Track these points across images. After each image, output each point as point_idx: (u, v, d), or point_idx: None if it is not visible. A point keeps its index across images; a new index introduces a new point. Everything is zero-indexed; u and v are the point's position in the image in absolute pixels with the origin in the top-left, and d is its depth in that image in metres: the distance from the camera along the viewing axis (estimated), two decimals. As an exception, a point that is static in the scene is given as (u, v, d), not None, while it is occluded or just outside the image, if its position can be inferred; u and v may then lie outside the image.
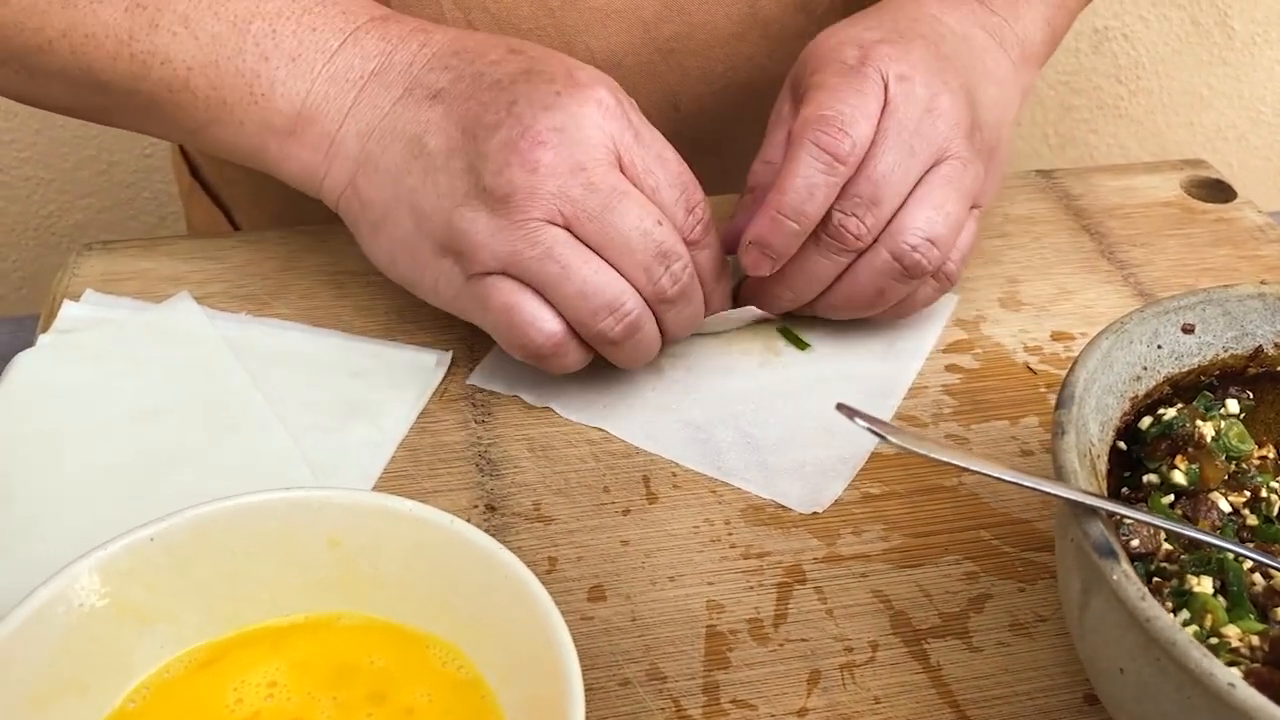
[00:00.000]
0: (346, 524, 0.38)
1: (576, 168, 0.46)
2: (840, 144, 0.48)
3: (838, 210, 0.50)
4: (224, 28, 0.49)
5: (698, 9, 0.65)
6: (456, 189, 0.47)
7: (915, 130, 0.50)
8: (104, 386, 0.51)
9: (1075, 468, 0.36)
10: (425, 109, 0.48)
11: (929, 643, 0.43)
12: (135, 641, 0.36)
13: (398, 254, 0.50)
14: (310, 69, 0.49)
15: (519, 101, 0.46)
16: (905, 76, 0.50)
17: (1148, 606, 0.32)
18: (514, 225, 0.46)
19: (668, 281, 0.48)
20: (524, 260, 0.46)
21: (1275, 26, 1.55)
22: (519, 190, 0.45)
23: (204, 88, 0.50)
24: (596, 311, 0.47)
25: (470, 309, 0.49)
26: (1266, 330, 0.44)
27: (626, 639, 0.42)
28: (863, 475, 0.49)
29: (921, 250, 0.50)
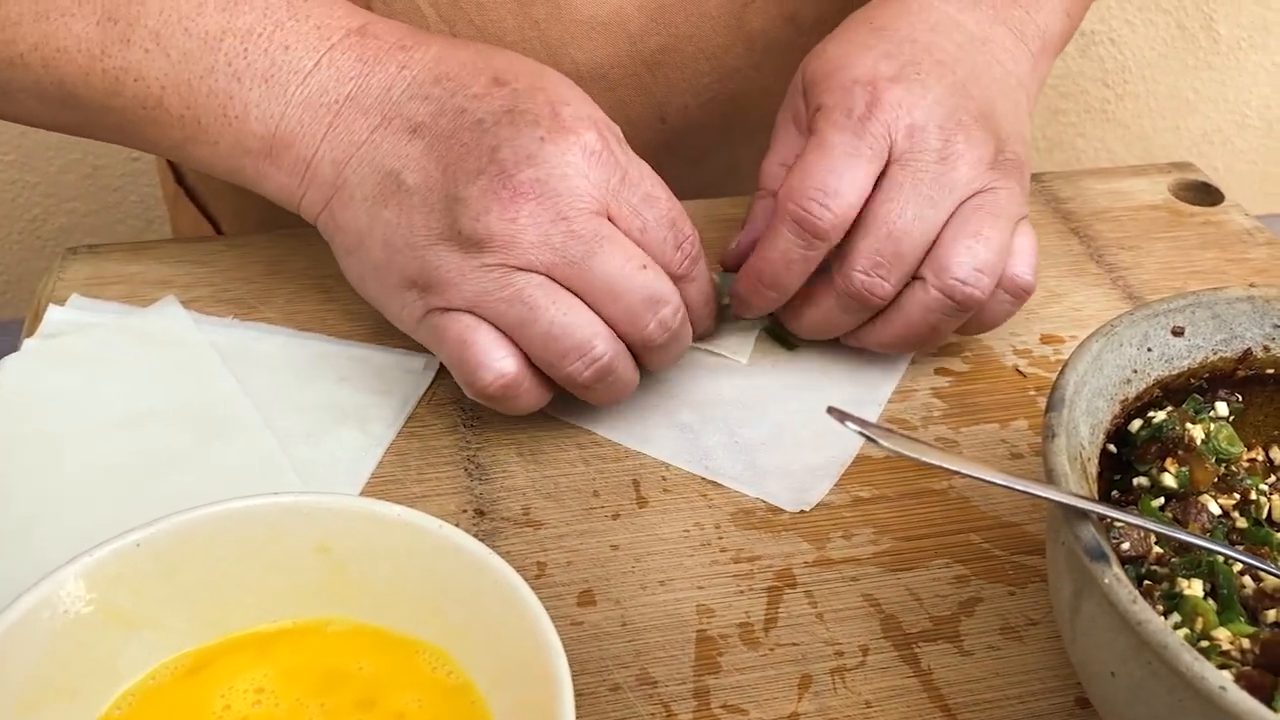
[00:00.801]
0: (335, 529, 0.37)
1: (558, 218, 0.45)
2: (819, 220, 0.48)
3: (859, 273, 0.49)
4: (195, 45, 0.48)
5: (684, 22, 0.64)
6: (432, 228, 0.46)
7: (934, 180, 0.49)
8: (89, 391, 0.50)
9: (1066, 471, 0.36)
10: (404, 143, 0.47)
11: (920, 646, 0.43)
12: (121, 648, 0.36)
13: (367, 279, 0.49)
14: (284, 91, 0.48)
15: (501, 148, 0.45)
16: (917, 127, 0.49)
17: (1139, 610, 0.32)
18: (486, 269, 0.45)
19: (656, 329, 0.47)
20: (491, 302, 0.45)
21: (1260, 31, 1.56)
22: (496, 237, 0.44)
23: (178, 106, 0.49)
24: (565, 354, 0.45)
25: (427, 341, 0.48)
26: (1255, 333, 0.44)
27: (616, 644, 0.42)
28: (852, 478, 0.49)
29: (972, 282, 0.49)
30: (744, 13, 0.65)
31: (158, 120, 0.49)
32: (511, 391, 0.46)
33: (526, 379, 0.46)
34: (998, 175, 0.51)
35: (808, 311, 0.53)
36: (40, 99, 0.50)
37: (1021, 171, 0.53)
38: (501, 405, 0.47)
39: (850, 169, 0.49)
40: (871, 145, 0.49)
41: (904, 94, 0.50)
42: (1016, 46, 0.56)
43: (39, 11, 0.48)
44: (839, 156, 0.49)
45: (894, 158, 0.49)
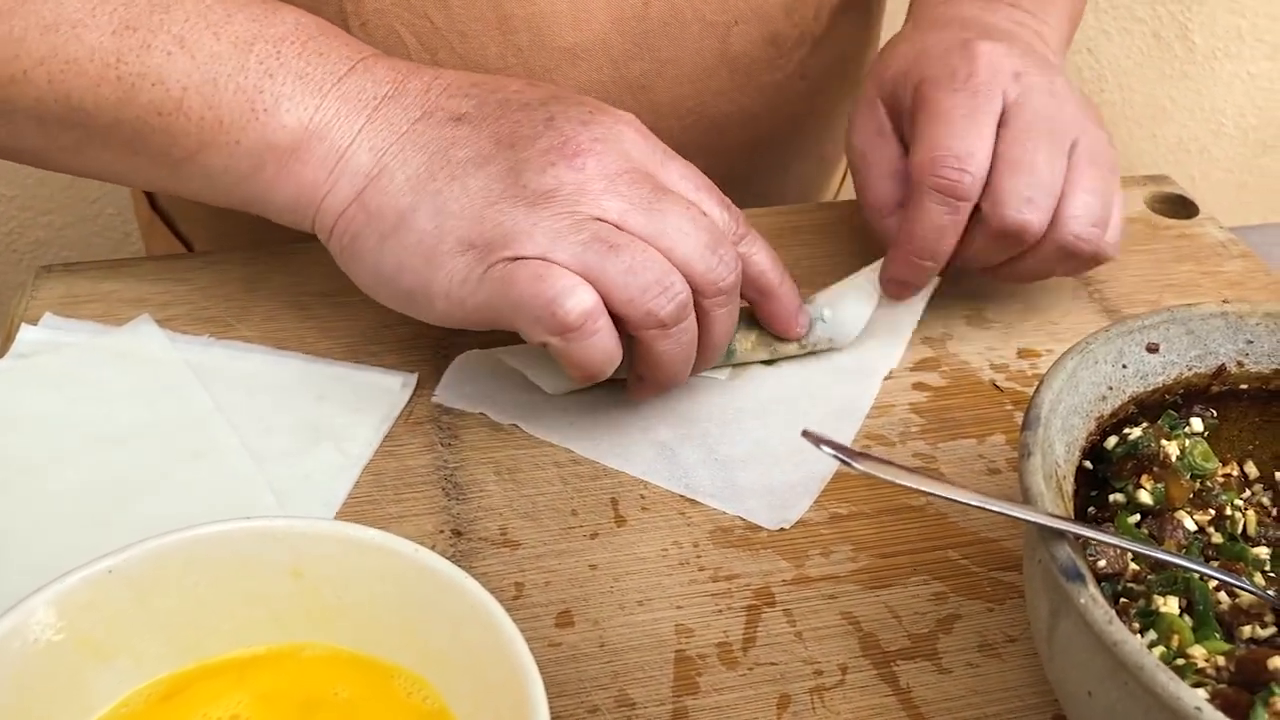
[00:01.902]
0: (309, 553, 0.37)
1: (622, 170, 0.46)
2: (959, 183, 0.51)
3: (1013, 211, 0.51)
4: (225, 47, 0.48)
5: (667, 46, 0.64)
6: (491, 189, 0.46)
7: (1050, 116, 0.52)
8: (63, 412, 0.50)
9: (1042, 490, 0.36)
10: (449, 128, 0.47)
11: (898, 664, 0.43)
12: (93, 676, 0.36)
13: (407, 260, 0.47)
14: (319, 87, 0.48)
15: (556, 118, 0.47)
16: (1020, 72, 0.52)
17: (1115, 630, 0.32)
18: (558, 216, 0.45)
19: (723, 269, 0.47)
20: (568, 244, 0.44)
21: (1234, 40, 1.57)
22: (565, 185, 0.45)
23: (199, 108, 0.48)
24: (647, 287, 0.45)
25: (489, 299, 0.45)
26: (1229, 349, 0.44)
27: (594, 665, 0.42)
28: (830, 496, 0.49)
29: (1087, 237, 0.52)
30: (726, 36, 0.65)
31: (170, 128, 0.48)
32: (592, 324, 0.45)
33: (604, 314, 0.45)
34: (1096, 122, 0.54)
35: (964, 253, 0.54)
36: (39, 119, 0.49)
37: (1104, 125, 0.55)
38: (578, 343, 0.45)
39: (974, 128, 0.51)
40: (986, 99, 0.52)
41: (994, 46, 0.53)
42: (1039, 42, 0.59)
43: (47, 24, 0.47)
44: (960, 119, 0.51)
45: (1010, 101, 0.52)
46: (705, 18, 0.64)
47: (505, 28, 0.61)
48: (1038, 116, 0.52)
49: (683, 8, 0.64)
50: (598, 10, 0.62)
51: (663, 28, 0.64)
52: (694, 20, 0.64)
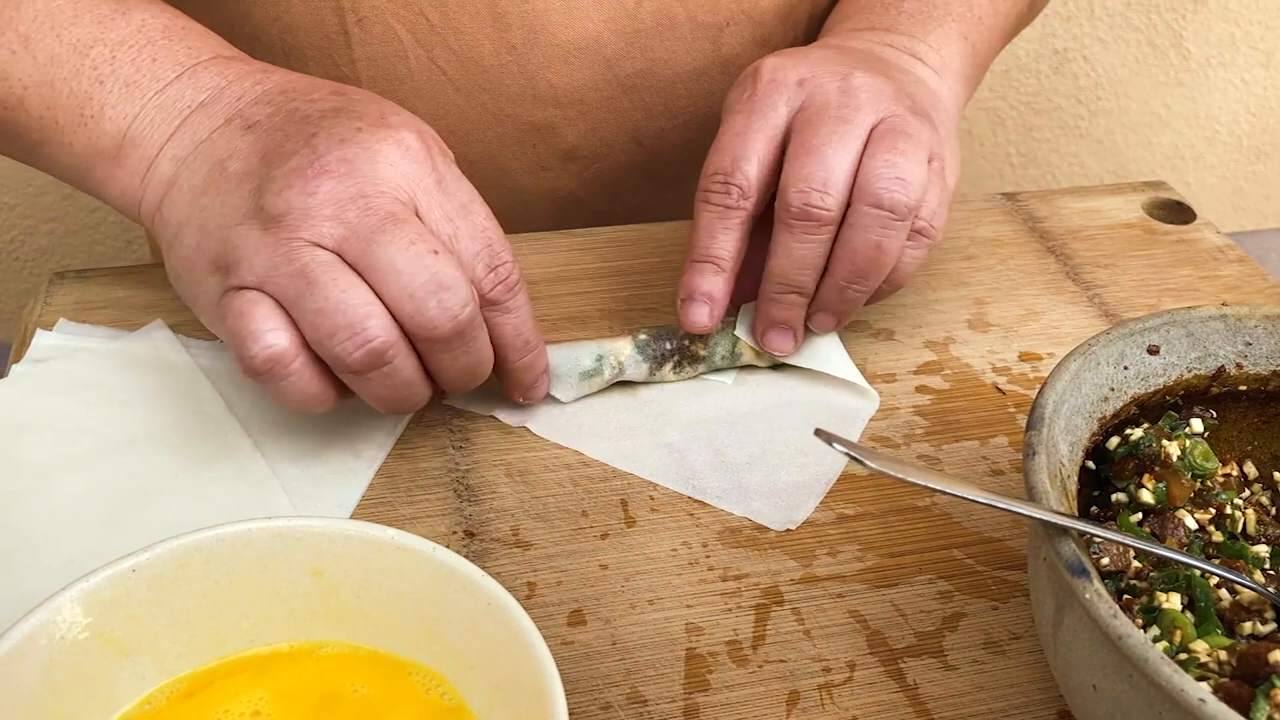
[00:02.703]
0: (328, 553, 0.38)
1: (357, 195, 0.44)
2: (726, 195, 0.52)
3: (795, 192, 0.50)
4: (64, 50, 0.49)
5: (660, 46, 0.65)
6: (240, 208, 0.46)
7: (838, 104, 0.51)
8: (79, 416, 0.51)
9: (1047, 488, 0.37)
10: (238, 138, 0.48)
11: (905, 662, 0.43)
12: (117, 673, 0.36)
13: (181, 271, 0.48)
14: (142, 95, 0.50)
15: (319, 135, 0.46)
16: (807, 77, 0.53)
17: (1120, 624, 0.33)
18: (278, 243, 0.44)
19: (438, 313, 0.44)
20: (276, 277, 0.44)
21: (1228, 48, 1.59)
22: (293, 211, 0.44)
23: (38, 107, 0.50)
24: (335, 332, 0.43)
25: (217, 325, 0.47)
26: (1228, 350, 0.45)
27: (607, 663, 0.43)
28: (836, 496, 0.50)
29: (896, 189, 0.50)
30: (718, 38, 0.66)
31: (15, 121, 0.50)
32: (279, 369, 0.44)
33: (298, 358, 0.44)
34: (905, 107, 0.52)
35: (772, 262, 0.53)
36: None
37: (934, 126, 0.53)
38: (271, 385, 0.45)
39: (741, 139, 0.52)
40: (759, 115, 0.52)
41: (781, 59, 0.54)
42: (906, 58, 0.59)
43: None
44: (730, 135, 0.52)
45: (794, 108, 0.52)
46: (697, 19, 0.66)
47: (500, 25, 0.62)
48: (822, 111, 0.51)
49: (675, 9, 0.65)
50: (592, 9, 0.63)
51: (655, 28, 0.65)
52: (686, 21, 0.65)
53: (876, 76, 0.53)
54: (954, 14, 0.62)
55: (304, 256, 0.44)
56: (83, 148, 0.50)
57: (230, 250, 0.45)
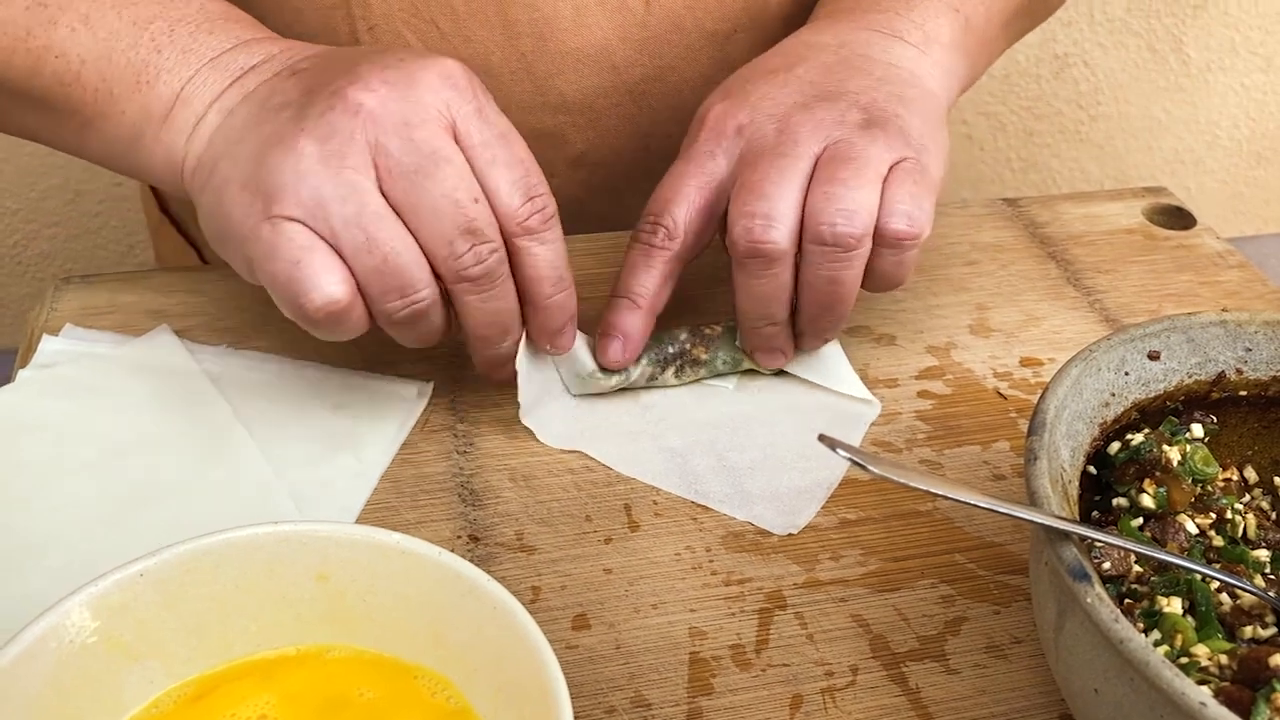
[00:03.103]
0: (334, 557, 0.38)
1: (401, 123, 0.45)
2: (653, 235, 0.53)
3: (738, 230, 0.50)
4: (124, 25, 0.50)
5: (668, 53, 0.66)
6: (279, 131, 0.46)
7: (776, 142, 0.51)
8: (85, 420, 0.51)
9: (1048, 493, 0.37)
10: (284, 81, 0.49)
11: (907, 665, 0.43)
12: (125, 677, 0.37)
13: (210, 208, 0.48)
14: (198, 60, 0.50)
15: (362, 64, 0.47)
16: (743, 125, 0.53)
17: (1121, 629, 0.33)
18: (327, 167, 0.44)
19: (470, 259, 0.46)
20: (329, 214, 0.44)
21: (1228, 53, 1.59)
22: (338, 132, 0.44)
23: (94, 80, 0.50)
24: (388, 291, 0.45)
25: (254, 256, 0.46)
26: (1228, 356, 0.45)
27: (611, 667, 0.43)
28: (839, 501, 0.50)
29: (838, 221, 0.49)
30: (726, 44, 0.67)
31: (70, 97, 0.51)
32: (336, 318, 0.45)
33: (356, 307, 0.46)
34: (850, 129, 0.51)
35: (737, 301, 0.53)
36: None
37: (888, 123, 0.52)
38: (322, 330, 0.46)
39: (677, 185, 0.53)
40: (696, 162, 0.53)
41: (725, 107, 0.54)
42: (886, 40, 0.57)
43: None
44: (668, 178, 0.53)
45: (734, 155, 0.53)
46: (705, 26, 0.66)
47: (510, 33, 0.62)
48: (762, 147, 0.51)
49: (683, 16, 0.65)
50: (600, 17, 0.63)
51: (663, 35, 0.65)
52: (694, 28, 0.66)
53: (818, 106, 0.52)
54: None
55: (356, 198, 0.44)
56: (135, 114, 0.50)
57: (266, 173, 0.45)
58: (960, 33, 0.60)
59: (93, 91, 0.50)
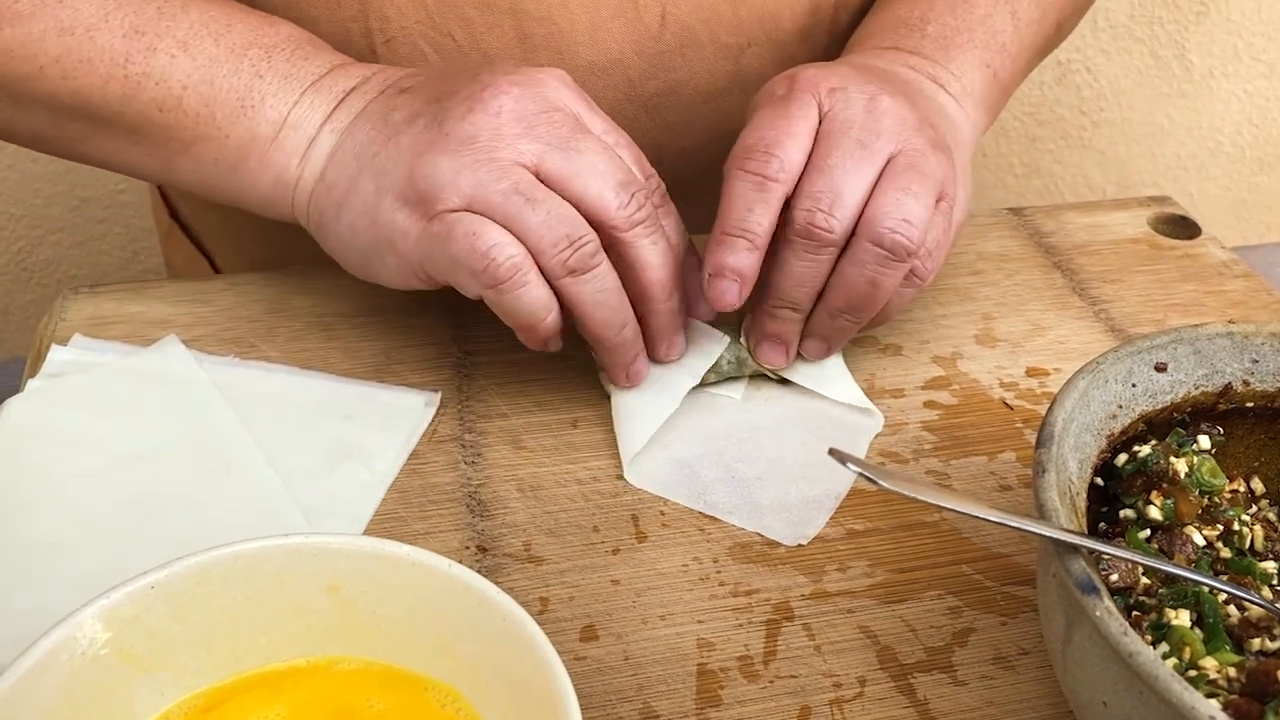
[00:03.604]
0: (344, 569, 0.38)
1: (539, 111, 0.49)
2: (767, 165, 0.50)
3: (802, 210, 0.50)
4: (223, 51, 0.53)
5: (682, 66, 0.66)
6: (419, 141, 0.49)
7: (861, 126, 0.51)
8: (95, 431, 0.51)
9: (1056, 506, 0.38)
10: (395, 98, 0.52)
11: (915, 677, 0.44)
12: (137, 689, 0.37)
13: (358, 225, 0.51)
14: (300, 84, 0.53)
15: (483, 72, 0.50)
16: (838, 88, 0.53)
17: (1130, 642, 0.33)
18: (479, 163, 0.48)
19: (634, 205, 0.49)
20: (489, 194, 0.47)
21: (1231, 60, 1.59)
22: (484, 131, 0.48)
23: (195, 104, 0.52)
24: (558, 241, 0.48)
25: (430, 253, 0.49)
26: (1235, 367, 0.46)
27: (619, 678, 0.43)
28: (846, 512, 0.50)
29: (900, 230, 0.50)
30: (740, 58, 0.67)
31: (169, 122, 0.53)
32: (521, 275, 0.48)
33: (534, 266, 0.48)
34: (924, 143, 0.52)
35: (774, 277, 0.53)
36: (51, 110, 0.53)
37: (952, 158, 0.54)
38: (510, 295, 0.49)
39: (786, 123, 0.51)
40: (799, 107, 0.52)
41: (818, 70, 0.54)
42: (928, 84, 0.59)
43: (63, 27, 0.51)
44: (769, 118, 0.52)
45: (823, 112, 0.52)
46: (719, 40, 0.66)
47: (526, 46, 0.63)
48: (846, 126, 0.51)
49: (698, 30, 0.65)
50: (615, 30, 0.64)
51: (678, 49, 0.65)
52: (709, 42, 0.66)
53: (902, 101, 0.53)
54: (977, 41, 0.62)
55: (513, 174, 0.48)
56: (239, 138, 0.53)
57: (422, 180, 0.48)
58: (989, 87, 0.62)
59: (193, 117, 0.53)
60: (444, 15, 0.62)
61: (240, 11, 0.54)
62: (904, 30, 0.62)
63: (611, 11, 0.63)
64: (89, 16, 0.51)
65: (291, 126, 0.53)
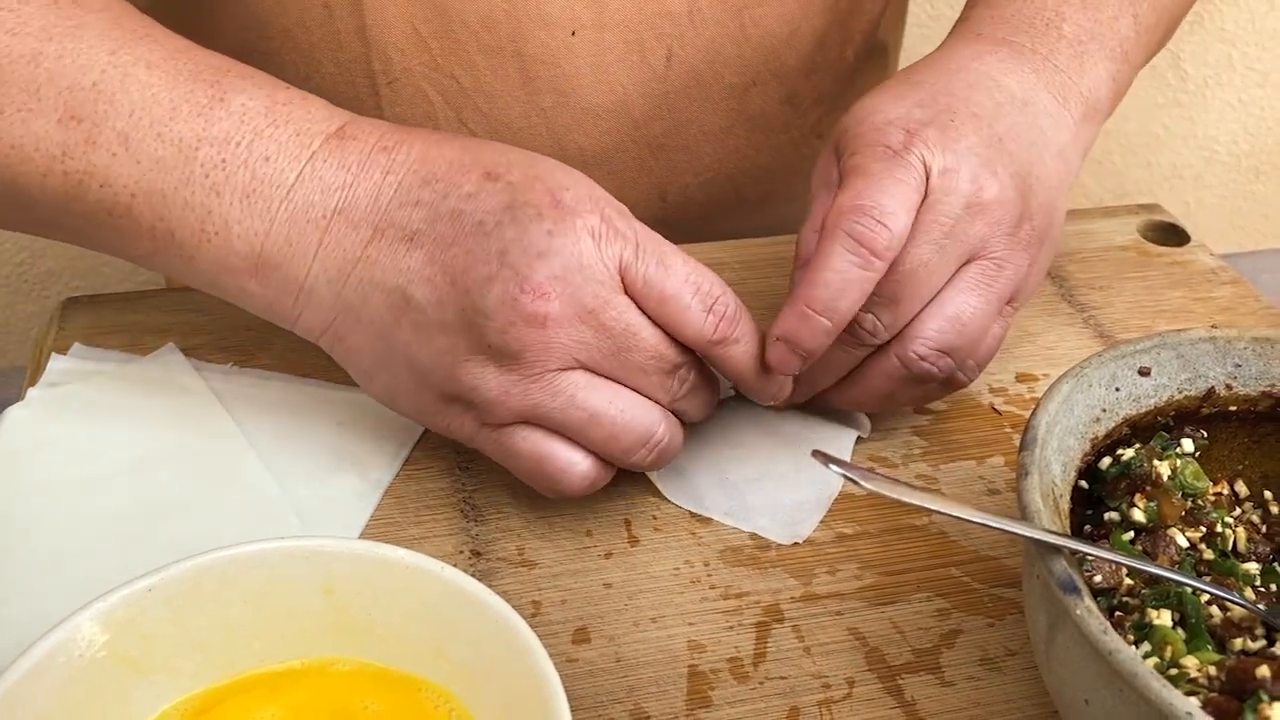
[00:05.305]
0: (339, 572, 0.39)
1: (585, 312, 0.44)
2: (878, 237, 0.46)
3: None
4: (168, 151, 0.45)
5: (686, 107, 0.66)
6: (457, 346, 0.44)
7: (951, 228, 0.48)
8: (94, 439, 0.52)
9: (1039, 507, 0.38)
10: (402, 254, 0.45)
11: (903, 678, 0.44)
12: (133, 691, 0.37)
13: (398, 398, 0.48)
14: (267, 207, 0.45)
15: (510, 250, 0.43)
16: (950, 169, 0.48)
17: (1110, 640, 0.34)
18: (529, 379, 0.44)
19: (677, 386, 0.47)
20: (546, 411, 0.45)
21: (1225, 69, 1.60)
22: (530, 347, 0.43)
23: (149, 217, 0.46)
24: (629, 449, 0.46)
25: (493, 454, 0.47)
26: (1218, 372, 0.46)
27: (611, 679, 0.43)
28: (836, 515, 0.51)
29: (930, 360, 0.49)
30: (745, 96, 0.67)
31: (124, 230, 0.46)
32: (598, 483, 0.47)
33: (604, 469, 0.47)
34: (1011, 246, 0.50)
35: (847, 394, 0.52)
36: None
37: (1041, 246, 0.51)
38: (582, 494, 0.48)
39: (900, 190, 0.47)
40: (913, 174, 0.48)
41: (938, 134, 0.48)
42: (1059, 112, 0.54)
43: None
44: (885, 179, 0.47)
45: (925, 194, 0.48)
46: (724, 79, 0.66)
47: (530, 89, 0.63)
48: (937, 220, 0.48)
49: (703, 70, 0.65)
50: (620, 73, 0.64)
51: (683, 89, 0.65)
52: (713, 81, 0.66)
53: (1009, 190, 0.49)
54: (1107, 50, 0.56)
55: (565, 388, 0.45)
56: (208, 262, 0.46)
57: (469, 390, 0.45)
58: (1111, 103, 0.58)
59: (149, 229, 0.46)
60: (447, 58, 0.61)
61: (185, 77, 0.46)
62: (1040, 25, 0.55)
63: (617, 55, 0.63)
64: (19, 93, 0.44)
65: (270, 265, 0.46)
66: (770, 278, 0.64)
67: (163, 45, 0.46)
